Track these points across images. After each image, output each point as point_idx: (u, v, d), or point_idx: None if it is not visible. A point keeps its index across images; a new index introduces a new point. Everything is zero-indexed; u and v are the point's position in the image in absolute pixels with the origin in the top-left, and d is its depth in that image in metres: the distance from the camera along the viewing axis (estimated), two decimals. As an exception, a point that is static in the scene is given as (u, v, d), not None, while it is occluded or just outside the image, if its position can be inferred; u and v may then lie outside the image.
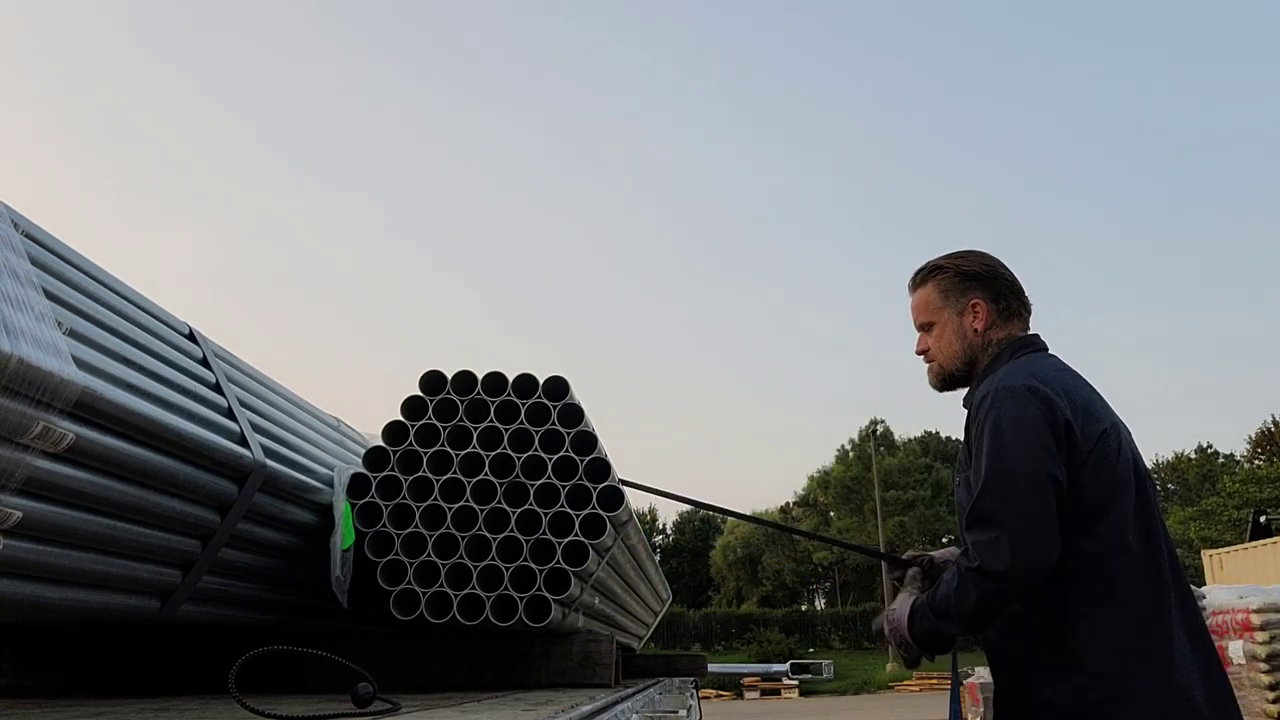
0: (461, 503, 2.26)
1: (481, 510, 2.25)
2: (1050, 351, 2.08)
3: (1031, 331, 2.11)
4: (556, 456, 2.29)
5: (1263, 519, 16.67)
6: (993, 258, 2.15)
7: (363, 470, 2.32)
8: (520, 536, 2.22)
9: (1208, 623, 6.64)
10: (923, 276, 2.13)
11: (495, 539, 2.23)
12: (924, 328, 2.13)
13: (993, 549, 1.79)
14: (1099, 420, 1.90)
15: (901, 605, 1.98)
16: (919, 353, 2.15)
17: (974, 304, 2.07)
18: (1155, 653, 1.81)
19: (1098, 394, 1.99)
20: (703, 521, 51.02)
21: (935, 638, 1.91)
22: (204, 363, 2.03)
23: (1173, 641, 1.83)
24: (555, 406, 2.35)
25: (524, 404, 2.35)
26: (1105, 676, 1.79)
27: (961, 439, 2.03)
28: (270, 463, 1.97)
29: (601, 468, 2.31)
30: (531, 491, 2.26)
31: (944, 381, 2.12)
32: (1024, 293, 2.13)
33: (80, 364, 1.44)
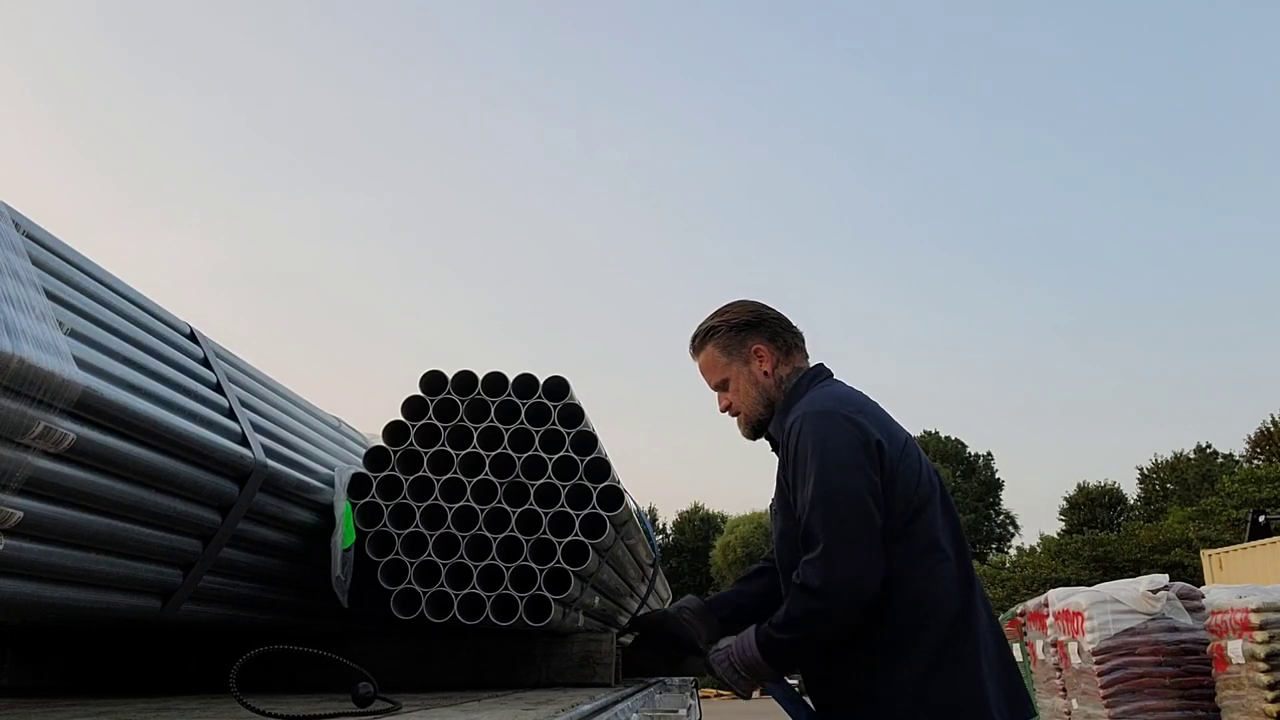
0: (462, 502, 2.26)
1: (482, 510, 2.25)
2: (837, 378, 2.21)
3: (815, 361, 2.24)
4: (556, 456, 2.29)
5: (1262, 519, 16.64)
6: (755, 302, 2.26)
7: (363, 470, 2.32)
8: (520, 536, 2.23)
9: (1206, 622, 6.65)
10: (700, 341, 2.23)
11: (495, 539, 2.23)
12: (719, 387, 2.23)
13: (819, 567, 1.89)
14: (897, 432, 2.04)
15: (741, 636, 2.08)
16: (723, 410, 2.25)
17: (756, 350, 2.17)
18: (964, 655, 1.93)
19: (888, 413, 2.14)
20: (703, 521, 51.05)
21: (784, 653, 2.01)
22: (205, 363, 2.03)
23: (979, 643, 1.95)
24: (555, 406, 2.35)
25: (524, 404, 2.35)
26: (919, 675, 1.90)
27: (780, 472, 2.11)
28: (271, 463, 1.98)
29: (601, 468, 2.31)
30: (532, 491, 2.26)
31: (754, 429, 2.23)
32: (792, 325, 2.25)
33: (81, 364, 1.44)
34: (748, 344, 2.17)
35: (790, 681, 2.19)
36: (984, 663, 1.94)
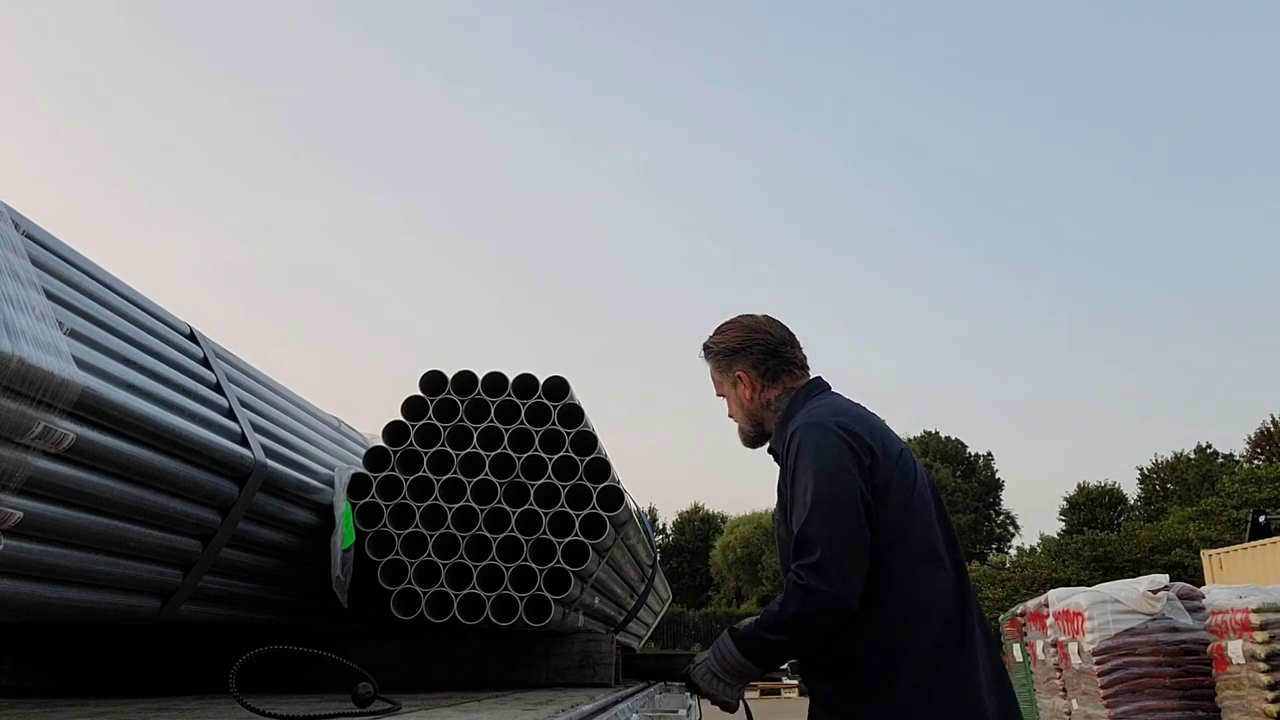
0: (462, 503, 2.26)
1: (482, 510, 2.25)
2: (834, 390, 2.27)
3: (814, 375, 2.29)
4: (556, 456, 2.29)
5: (1262, 519, 16.67)
6: (748, 324, 2.31)
7: (363, 470, 2.32)
8: (520, 536, 2.23)
9: (1207, 623, 6.65)
10: (703, 356, 2.34)
11: (495, 539, 2.23)
12: (722, 396, 2.33)
13: (818, 570, 1.95)
14: (892, 443, 2.10)
15: (717, 644, 2.14)
16: (729, 417, 2.33)
17: (738, 375, 2.26)
18: (962, 661, 1.97)
19: (884, 423, 2.19)
20: (703, 521, 51.06)
21: (772, 653, 2.06)
22: (205, 363, 2.03)
23: (975, 649, 1.99)
24: (555, 407, 2.35)
25: (524, 404, 2.35)
26: (916, 680, 1.94)
27: (780, 482, 2.15)
28: (271, 463, 1.98)
29: (601, 468, 2.31)
30: (532, 491, 2.26)
31: (745, 440, 2.32)
32: (784, 346, 2.29)
33: (81, 364, 1.44)
34: (733, 368, 2.25)
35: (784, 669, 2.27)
36: (980, 670, 1.98)
